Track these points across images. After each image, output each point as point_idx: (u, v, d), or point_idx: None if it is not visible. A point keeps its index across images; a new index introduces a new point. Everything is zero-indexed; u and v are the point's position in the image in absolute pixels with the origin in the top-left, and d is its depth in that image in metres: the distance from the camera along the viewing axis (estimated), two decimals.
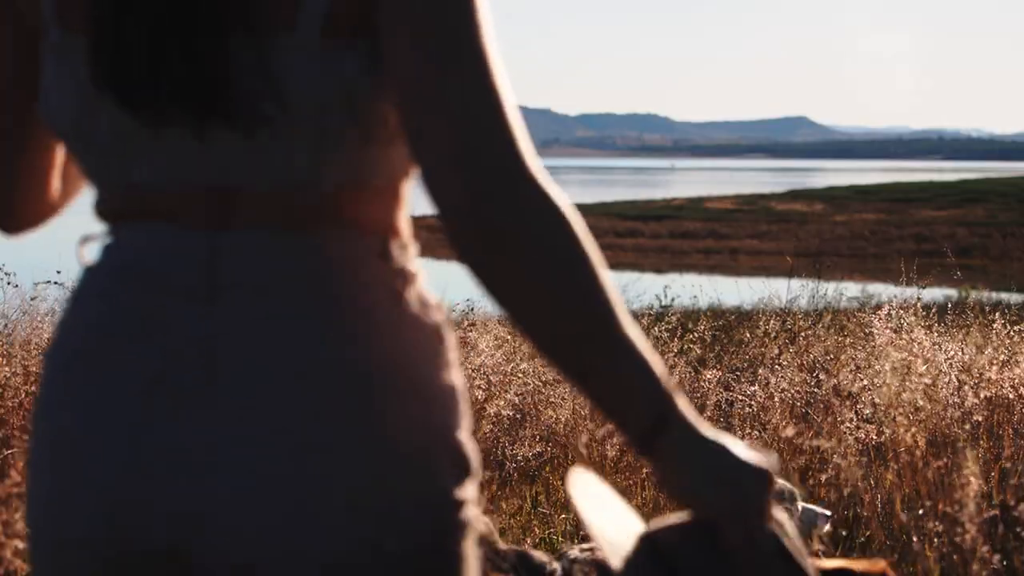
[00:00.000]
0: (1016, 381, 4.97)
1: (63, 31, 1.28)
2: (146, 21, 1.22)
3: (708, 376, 5.79)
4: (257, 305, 1.24)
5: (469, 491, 1.29)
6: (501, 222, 1.18)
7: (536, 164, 1.19)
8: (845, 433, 3.89)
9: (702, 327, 7.10)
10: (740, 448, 1.24)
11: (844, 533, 3.91)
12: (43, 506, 1.30)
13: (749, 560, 1.25)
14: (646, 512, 4.31)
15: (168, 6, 1.21)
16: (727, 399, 5.51)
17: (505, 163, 1.18)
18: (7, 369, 4.08)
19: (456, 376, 1.32)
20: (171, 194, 1.26)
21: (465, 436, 1.30)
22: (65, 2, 1.27)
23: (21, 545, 3.27)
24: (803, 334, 6.10)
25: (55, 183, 1.45)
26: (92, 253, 1.36)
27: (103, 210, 1.34)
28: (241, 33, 1.21)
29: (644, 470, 4.55)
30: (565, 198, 1.21)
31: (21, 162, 1.41)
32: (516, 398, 5.26)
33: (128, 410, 1.24)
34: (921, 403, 4.06)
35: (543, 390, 5.43)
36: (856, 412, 4.83)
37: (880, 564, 1.99)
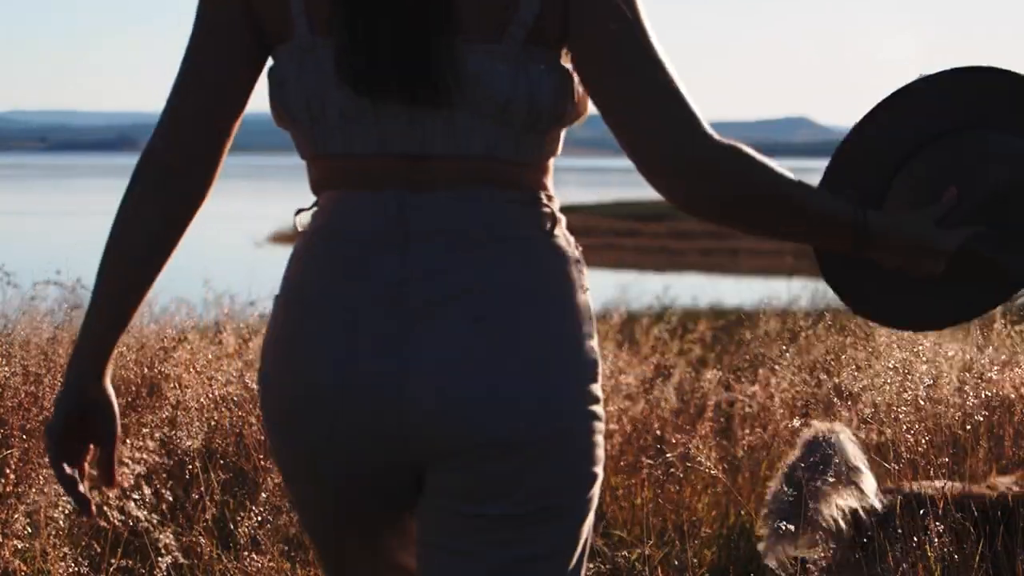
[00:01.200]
0: (1017, 381, 4.96)
1: (311, 34, 1.68)
2: (389, 28, 1.63)
3: (708, 376, 5.78)
4: (439, 245, 1.66)
5: (599, 390, 1.72)
6: (711, 191, 1.67)
7: (707, 126, 1.65)
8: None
9: (702, 327, 7.09)
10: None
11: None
12: (297, 402, 1.71)
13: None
14: (644, 511, 4.30)
15: (407, 19, 1.63)
16: (728, 399, 5.50)
17: (696, 140, 1.65)
18: (7, 369, 4.07)
19: (589, 296, 1.74)
20: (377, 161, 1.68)
21: (596, 344, 1.74)
22: (314, 12, 1.66)
23: (20, 545, 3.26)
24: (804, 334, 6.09)
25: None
26: (304, 220, 1.76)
27: (315, 181, 1.75)
28: (461, 40, 1.64)
29: (644, 470, 4.55)
30: (730, 142, 1.67)
31: (225, 145, 1.77)
32: None
33: (337, 341, 1.67)
34: (922, 403, 4.05)
35: None
36: (856, 413, 4.82)
37: None
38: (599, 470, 1.74)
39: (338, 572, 1.86)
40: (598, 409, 1.72)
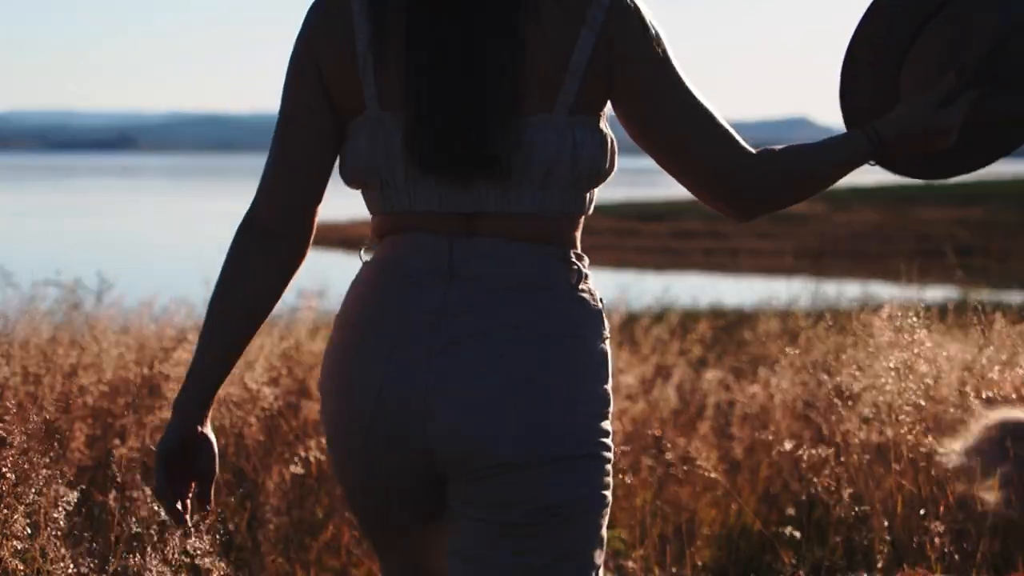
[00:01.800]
0: (1018, 382, 4.96)
1: (381, 110, 1.93)
2: (449, 110, 1.88)
3: (709, 376, 5.78)
4: (479, 286, 1.91)
5: (609, 426, 1.95)
6: (765, 202, 2.01)
7: (740, 139, 1.97)
8: (849, 433, 3.88)
9: (702, 327, 7.09)
10: None
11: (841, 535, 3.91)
12: (340, 413, 1.98)
13: None
14: (644, 511, 4.30)
15: (465, 105, 1.88)
16: (728, 399, 5.50)
17: (740, 163, 1.96)
18: (6, 369, 4.07)
19: (608, 346, 1.98)
20: (435, 216, 1.93)
21: (610, 387, 1.97)
22: (385, 93, 1.92)
23: (20, 545, 3.26)
24: (804, 334, 6.09)
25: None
26: (367, 255, 2.03)
27: (378, 228, 2.01)
28: (513, 114, 1.88)
29: (643, 470, 4.54)
30: (758, 150, 1.98)
31: (317, 207, 2.03)
32: None
33: (376, 365, 1.93)
34: (923, 403, 4.05)
35: None
36: (857, 413, 4.82)
37: None
38: (608, 495, 1.95)
39: (382, 558, 2.12)
40: (608, 442, 1.95)
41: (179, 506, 2.02)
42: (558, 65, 1.90)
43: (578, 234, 2.00)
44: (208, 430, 2.01)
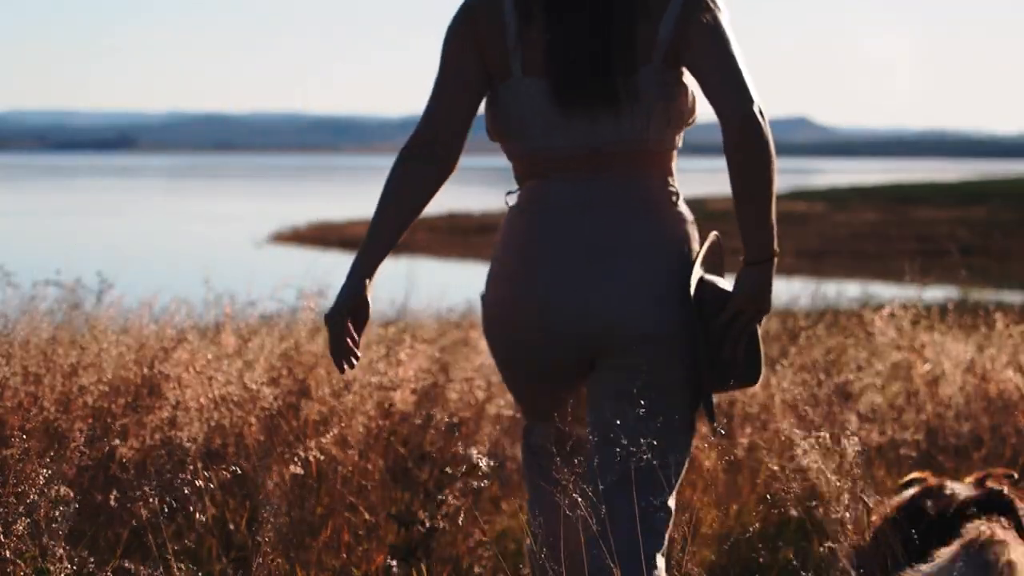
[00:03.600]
0: (1018, 382, 4.96)
1: (524, 76, 2.74)
2: (584, 69, 2.70)
3: None
4: (610, 211, 2.73)
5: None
6: (761, 140, 2.63)
7: (755, 92, 2.66)
8: (849, 434, 3.87)
9: None
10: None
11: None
12: (515, 313, 2.78)
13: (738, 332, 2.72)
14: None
15: (593, 56, 2.69)
16: (729, 399, 5.49)
17: (755, 111, 2.64)
18: (7, 369, 4.06)
19: (696, 245, 2.79)
20: (568, 155, 2.74)
21: (695, 276, 2.73)
22: (528, 63, 2.73)
23: (21, 546, 3.25)
24: (804, 334, 6.08)
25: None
26: (511, 200, 2.83)
27: (521, 172, 2.82)
28: (627, 69, 2.70)
29: None
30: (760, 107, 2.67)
31: (464, 137, 2.80)
32: None
33: (543, 275, 2.73)
34: (923, 402, 4.05)
35: None
36: (856, 413, 4.82)
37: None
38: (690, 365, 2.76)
39: (530, 408, 2.95)
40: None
41: (349, 358, 2.72)
42: (655, 31, 2.70)
43: (674, 165, 2.81)
44: (368, 294, 2.74)
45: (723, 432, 2.89)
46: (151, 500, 3.20)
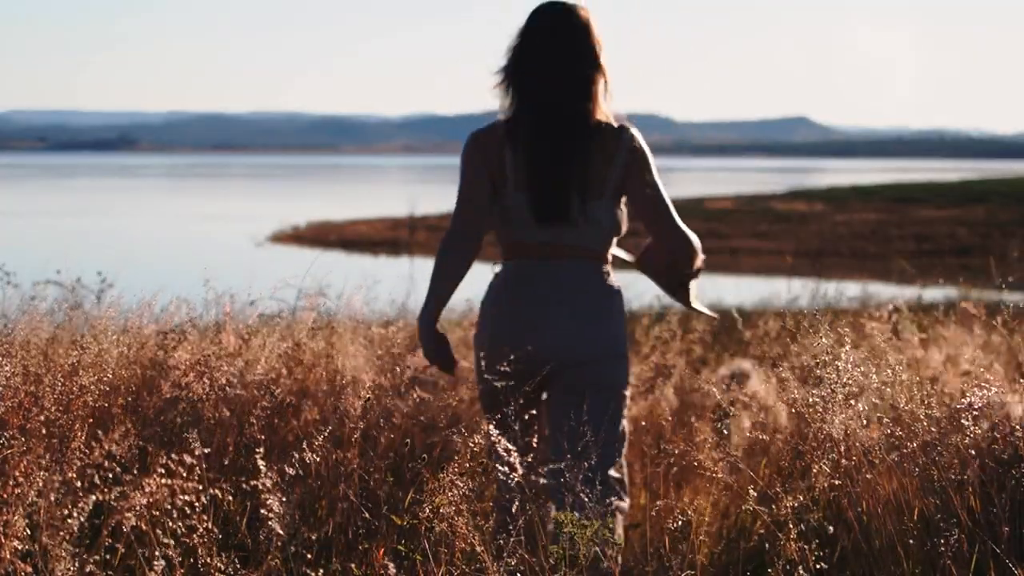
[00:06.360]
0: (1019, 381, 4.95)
1: (515, 191, 3.86)
2: (553, 193, 3.85)
3: (708, 376, 5.77)
4: (568, 286, 3.87)
5: (626, 347, 3.96)
6: (691, 247, 4.08)
7: (678, 218, 4.00)
8: (849, 432, 3.88)
9: (702, 327, 7.09)
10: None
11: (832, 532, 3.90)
12: (495, 338, 3.87)
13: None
14: (644, 511, 4.29)
15: (559, 192, 3.84)
16: (728, 399, 5.50)
17: (680, 226, 4.01)
18: (7, 369, 4.06)
19: (624, 311, 3.97)
20: (541, 246, 3.88)
21: (624, 325, 3.96)
22: (517, 179, 3.86)
23: (20, 546, 3.26)
24: (804, 334, 6.08)
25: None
26: (498, 269, 3.98)
27: (506, 254, 3.95)
28: (584, 199, 3.85)
29: (643, 470, 4.53)
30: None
31: (483, 234, 3.93)
32: None
33: (522, 317, 3.87)
34: (922, 403, 4.05)
35: None
36: (856, 413, 4.81)
37: None
38: (630, 381, 4.03)
39: (500, 422, 3.66)
40: (627, 353, 3.95)
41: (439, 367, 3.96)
42: (608, 172, 3.86)
43: (608, 255, 3.96)
44: (439, 329, 3.91)
45: (715, 316, 4.59)
46: (151, 500, 3.20)
